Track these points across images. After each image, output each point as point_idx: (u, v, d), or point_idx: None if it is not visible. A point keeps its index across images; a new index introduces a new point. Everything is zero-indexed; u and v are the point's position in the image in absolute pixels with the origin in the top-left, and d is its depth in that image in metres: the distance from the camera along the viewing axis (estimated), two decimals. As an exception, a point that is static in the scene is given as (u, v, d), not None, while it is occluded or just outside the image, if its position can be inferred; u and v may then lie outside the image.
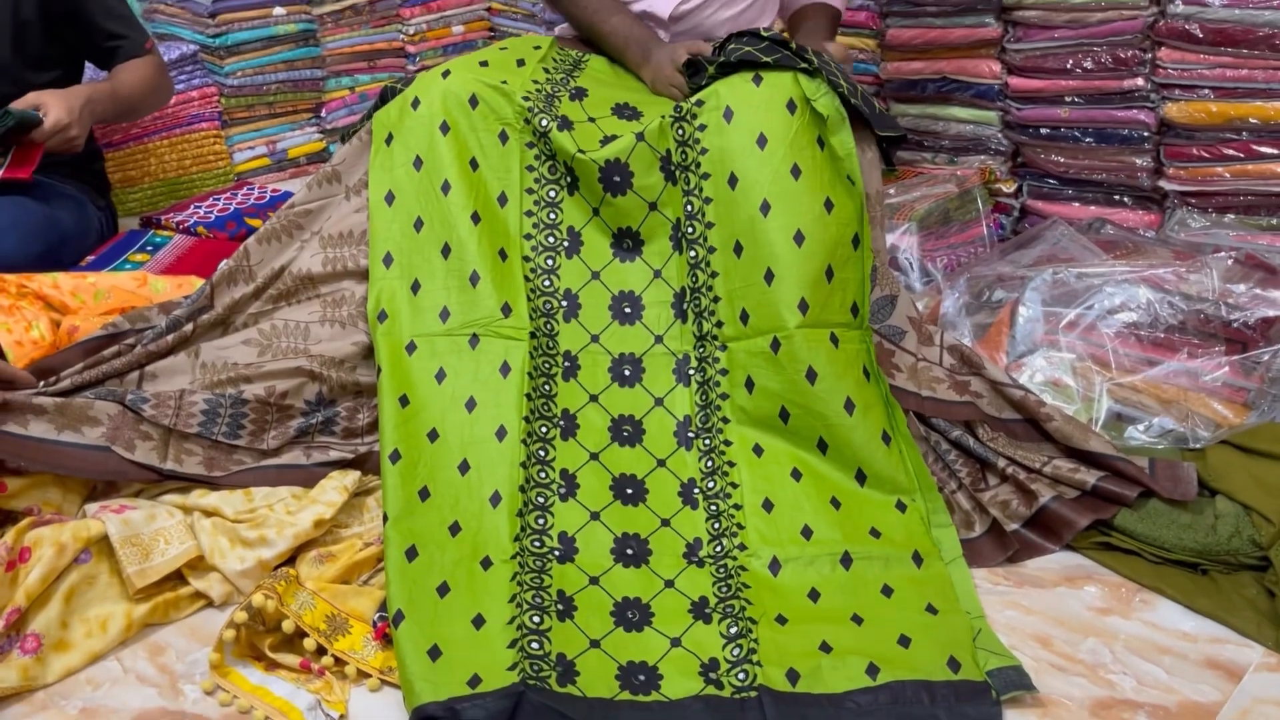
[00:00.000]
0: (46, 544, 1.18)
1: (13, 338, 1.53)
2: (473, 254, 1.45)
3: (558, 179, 1.52)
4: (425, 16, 3.01)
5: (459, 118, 1.50)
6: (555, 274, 1.49)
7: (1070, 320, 1.54)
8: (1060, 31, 1.97)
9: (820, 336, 1.37)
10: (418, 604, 1.18)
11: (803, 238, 1.39)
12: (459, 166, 1.49)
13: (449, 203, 1.47)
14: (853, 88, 1.46)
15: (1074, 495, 1.35)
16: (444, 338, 1.42)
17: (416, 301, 1.45)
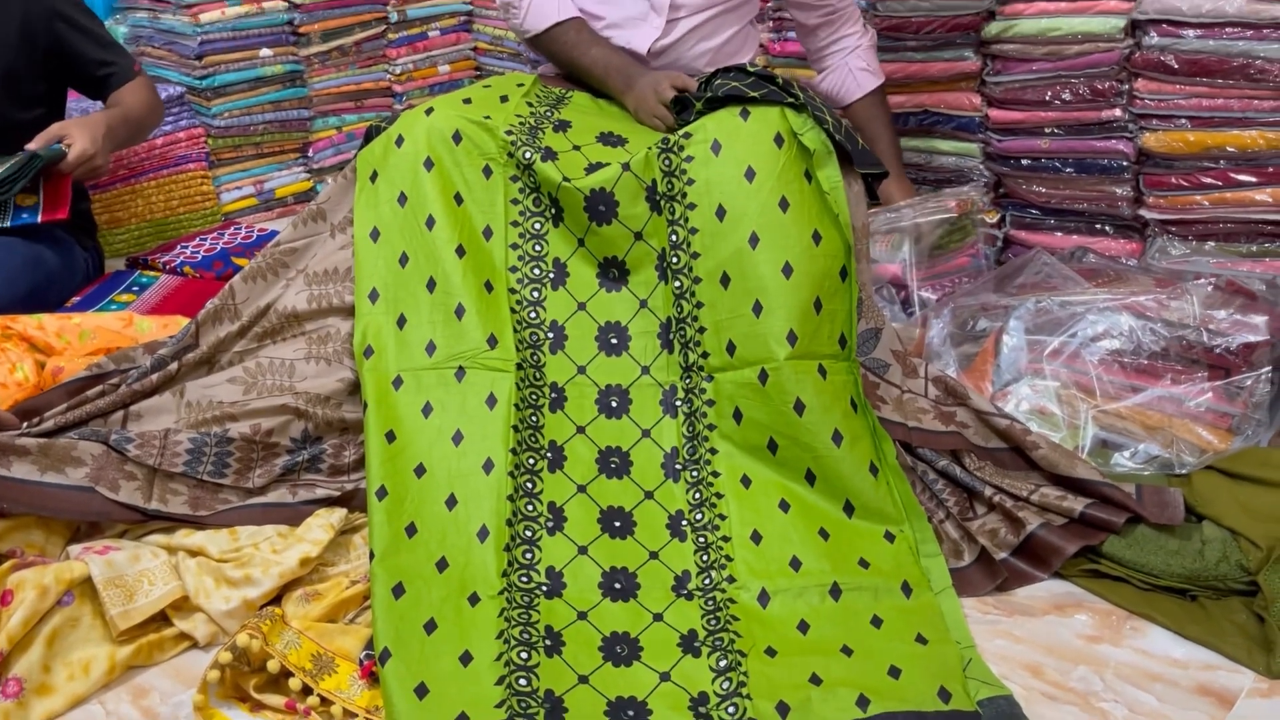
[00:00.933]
0: (29, 587, 1.17)
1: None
2: (458, 287, 1.45)
3: (542, 211, 1.52)
4: (412, 56, 3.04)
5: (443, 153, 1.51)
6: (541, 305, 1.49)
7: (1054, 348, 1.55)
8: (1038, 64, 2.00)
9: (808, 368, 1.37)
10: (405, 641, 1.17)
11: (791, 269, 1.39)
12: (443, 201, 1.49)
13: (433, 237, 1.48)
14: (837, 123, 1.48)
15: (1062, 522, 1.35)
16: (430, 371, 1.42)
17: (402, 336, 1.45)
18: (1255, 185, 1.85)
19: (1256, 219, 1.87)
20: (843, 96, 1.98)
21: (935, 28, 2.10)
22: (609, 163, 1.49)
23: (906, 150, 2.26)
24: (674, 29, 1.75)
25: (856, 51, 1.95)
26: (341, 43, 2.88)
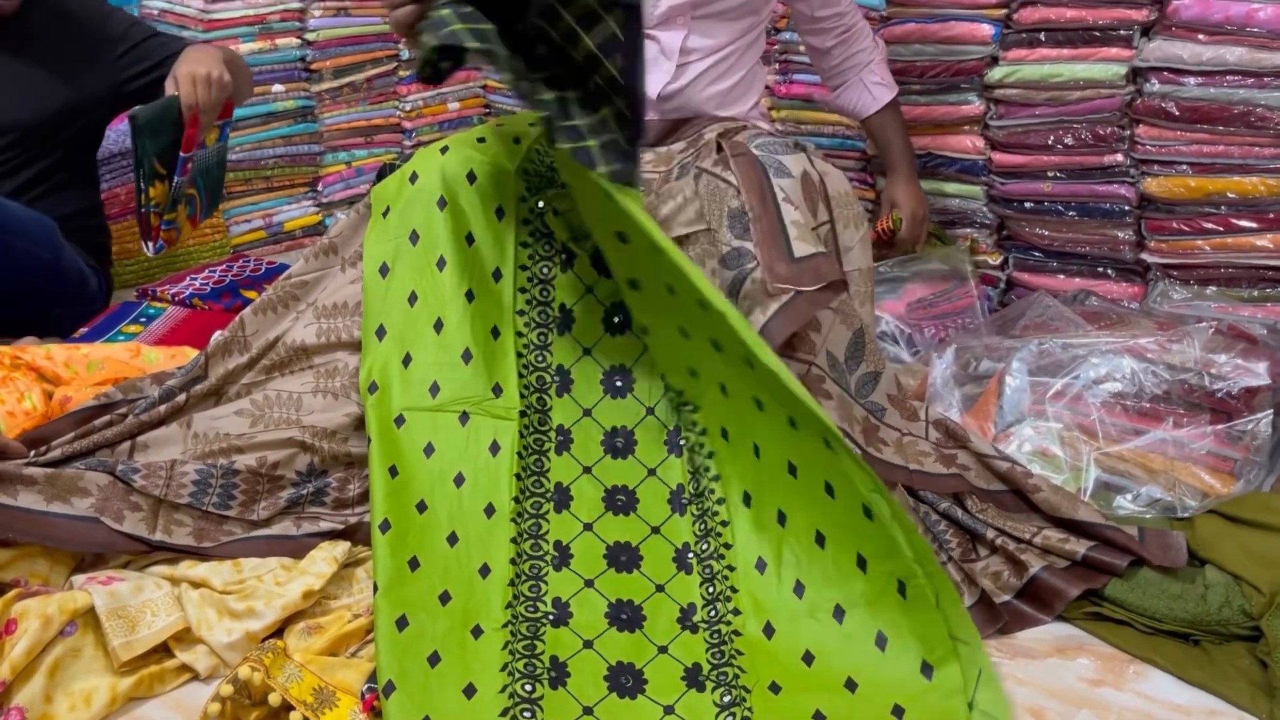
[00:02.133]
0: (32, 616, 1.17)
1: (5, 408, 1.54)
2: (465, 332, 1.46)
3: (551, 256, 1.54)
4: (422, 93, 3.07)
5: (457, 192, 1.52)
6: (548, 349, 1.51)
7: (1057, 390, 1.55)
8: (1041, 109, 2.03)
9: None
10: (408, 674, 1.17)
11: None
12: (455, 242, 1.50)
13: (443, 279, 1.49)
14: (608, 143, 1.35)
15: (1064, 565, 1.35)
16: (433, 413, 1.43)
17: (407, 375, 1.46)
18: (1256, 231, 1.87)
19: (1258, 264, 1.88)
20: (860, 111, 2.03)
21: (939, 72, 2.13)
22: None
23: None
24: (684, 73, 1.77)
25: (870, 66, 1.99)
26: (353, 79, 2.92)
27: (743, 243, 1.43)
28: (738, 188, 1.48)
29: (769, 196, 1.46)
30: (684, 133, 1.76)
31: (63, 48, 2.00)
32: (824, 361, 1.46)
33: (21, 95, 1.96)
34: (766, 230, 1.43)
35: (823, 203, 1.53)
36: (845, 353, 1.49)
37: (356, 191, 2.98)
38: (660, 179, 1.69)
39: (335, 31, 2.85)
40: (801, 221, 1.44)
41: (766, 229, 1.43)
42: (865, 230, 1.57)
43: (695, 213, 1.52)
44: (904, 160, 2.03)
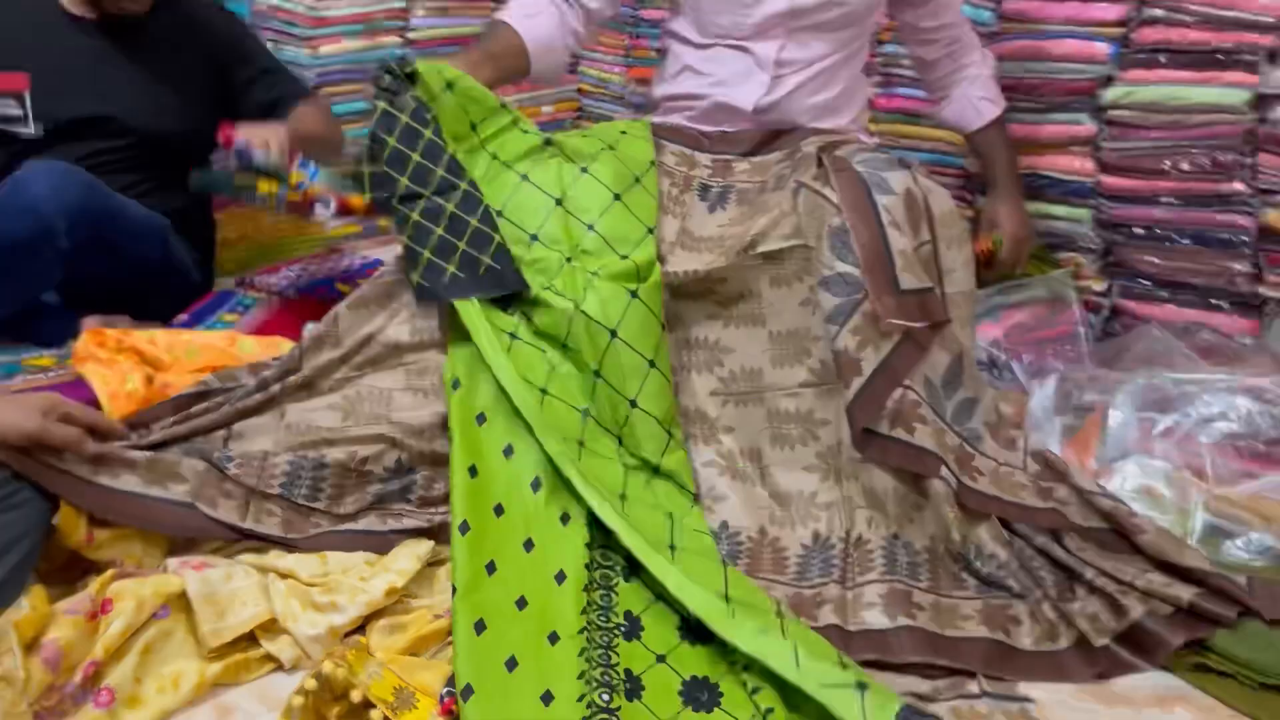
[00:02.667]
0: (128, 597, 1.19)
1: (109, 390, 1.58)
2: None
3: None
4: (517, 96, 3.09)
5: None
6: None
7: (1166, 428, 1.49)
8: (1157, 132, 1.95)
9: None
10: (486, 678, 1.16)
11: None
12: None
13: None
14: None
15: (1168, 612, 1.29)
16: (514, 415, 1.43)
17: (490, 374, 1.46)
18: (1384, 268, 1.77)
19: (1384, 303, 1.79)
20: (964, 125, 1.98)
21: (1049, 90, 2.07)
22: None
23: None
24: (780, 85, 1.74)
25: (978, 81, 1.93)
26: (451, 79, 2.94)
27: (848, 267, 1.40)
28: (838, 205, 1.45)
29: (872, 216, 1.43)
30: (782, 143, 1.73)
31: (186, 59, 2.04)
32: (920, 386, 1.42)
33: (144, 102, 2.00)
34: (874, 255, 1.39)
35: (925, 222, 1.49)
36: (943, 378, 1.45)
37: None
38: (756, 189, 1.66)
39: (437, 31, 2.88)
40: (908, 250, 1.41)
41: (874, 253, 1.39)
42: (968, 252, 1.53)
43: (792, 227, 1.50)
44: (1008, 178, 1.97)
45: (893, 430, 1.36)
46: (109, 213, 1.84)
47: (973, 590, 1.36)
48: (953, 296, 1.49)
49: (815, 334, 1.48)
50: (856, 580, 1.36)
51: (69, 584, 1.29)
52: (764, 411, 1.51)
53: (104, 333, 1.71)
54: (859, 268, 1.39)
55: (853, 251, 1.40)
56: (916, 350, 1.40)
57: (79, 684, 1.13)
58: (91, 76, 1.96)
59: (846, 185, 1.46)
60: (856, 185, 1.46)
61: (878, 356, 1.36)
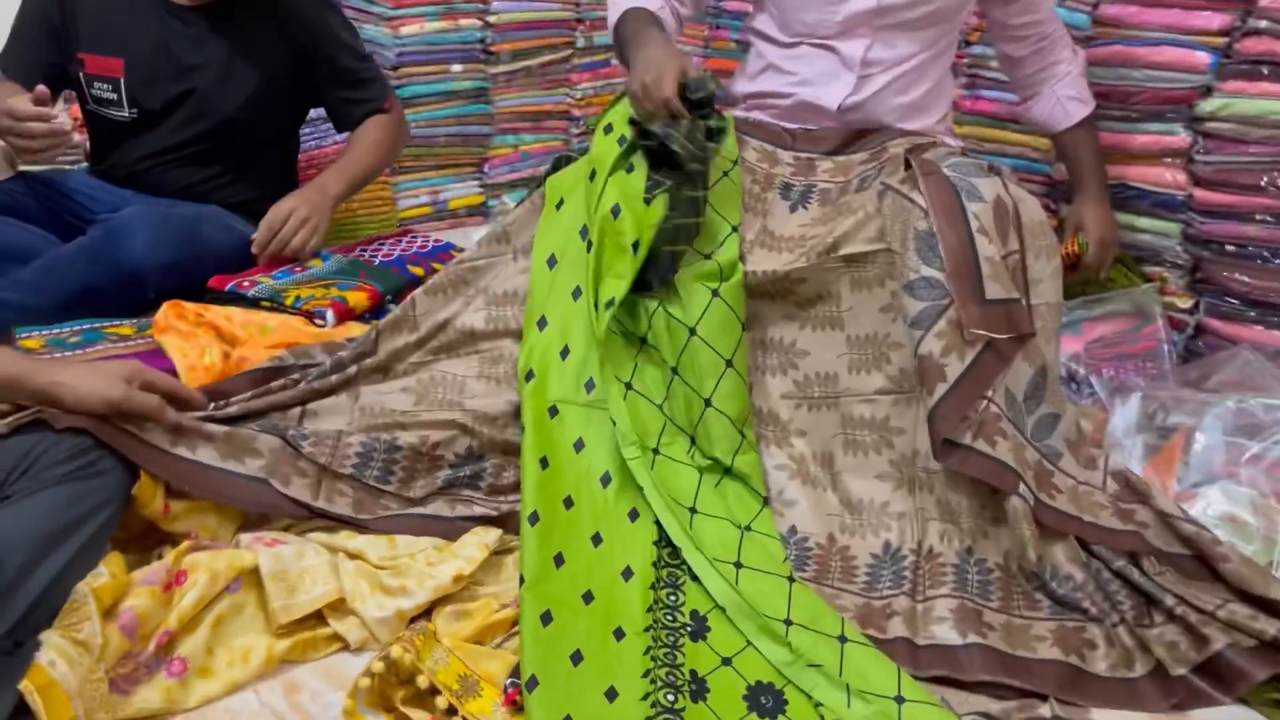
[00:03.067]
0: (202, 569, 1.21)
1: (187, 362, 1.60)
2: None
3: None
4: (593, 82, 3.08)
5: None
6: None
7: (1254, 453, 1.44)
8: (1255, 147, 1.88)
9: None
10: (551, 671, 1.16)
11: None
12: (623, 244, 1.48)
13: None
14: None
15: (1251, 644, 1.25)
16: (586, 409, 1.43)
17: (564, 367, 1.46)
18: None
19: None
20: (1051, 125, 1.92)
21: (1144, 99, 2.00)
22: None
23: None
24: (866, 85, 1.70)
25: (1066, 79, 1.88)
26: (528, 64, 2.94)
27: (933, 272, 1.37)
28: (925, 209, 1.41)
29: (960, 221, 1.40)
30: (866, 143, 1.69)
31: (269, 44, 2.04)
32: (1002, 399, 1.39)
33: (224, 84, 2.02)
34: (961, 261, 1.36)
35: (1014, 230, 1.45)
36: (1025, 391, 1.42)
37: (520, 175, 3.01)
38: (838, 189, 1.64)
39: (516, 15, 2.88)
40: (995, 258, 1.37)
41: (961, 260, 1.37)
42: (1057, 263, 1.49)
43: (877, 230, 1.47)
44: (1094, 181, 1.91)
45: (974, 442, 1.33)
46: (197, 259, 1.92)
47: (1047, 611, 1.33)
48: (1038, 308, 1.46)
49: (895, 340, 1.45)
50: (927, 594, 1.33)
51: (144, 553, 1.32)
52: (838, 417, 1.48)
53: (183, 305, 1.74)
54: (945, 273, 1.37)
55: (939, 256, 1.37)
56: (1000, 361, 1.37)
57: (152, 653, 1.15)
58: (179, 60, 1.99)
59: (935, 189, 1.43)
60: (946, 190, 1.42)
61: (962, 364, 1.34)
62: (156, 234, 1.86)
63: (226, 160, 2.09)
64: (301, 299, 1.85)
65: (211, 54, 2.01)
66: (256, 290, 1.88)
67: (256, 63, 2.03)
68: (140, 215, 1.89)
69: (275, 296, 1.86)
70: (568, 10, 2.98)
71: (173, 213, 1.97)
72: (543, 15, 2.93)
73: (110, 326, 1.77)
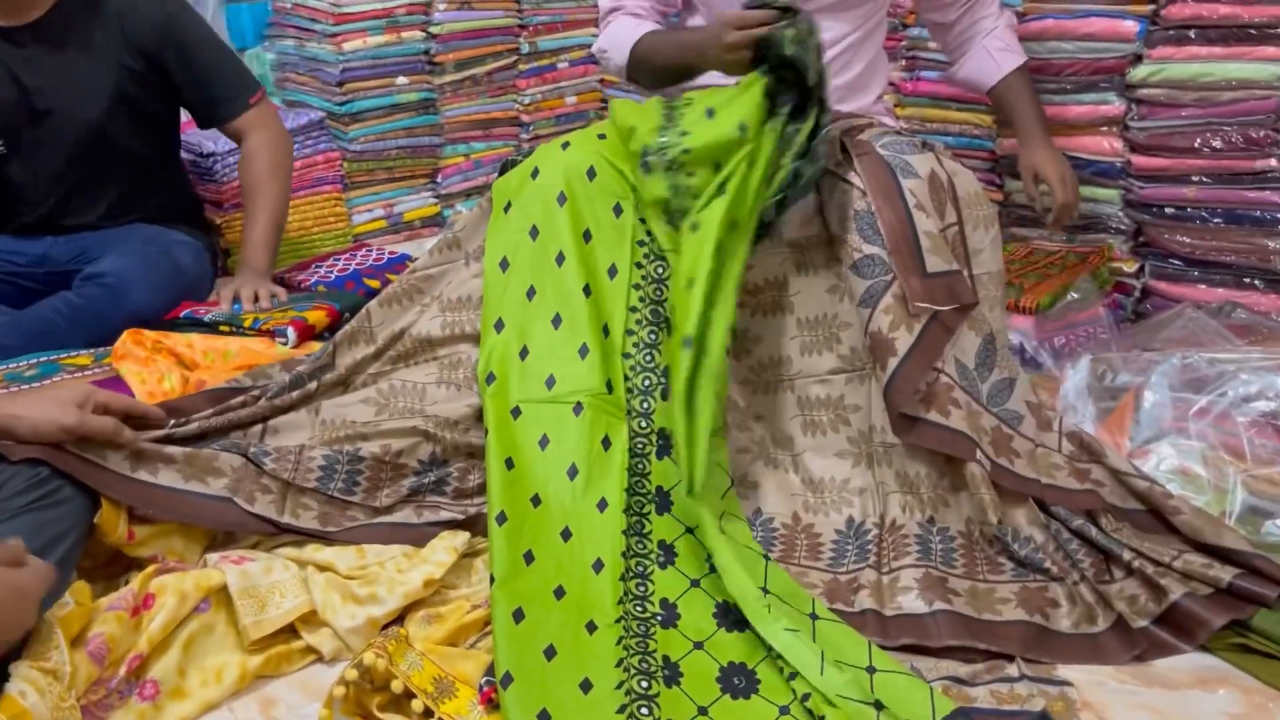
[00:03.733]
0: (170, 592, 1.21)
1: (146, 388, 1.60)
2: (583, 327, 1.47)
3: (665, 255, 1.52)
4: (540, 87, 3.10)
5: (577, 189, 1.52)
6: (657, 349, 1.50)
7: (1201, 407, 1.48)
8: (1187, 110, 1.93)
9: None
10: (526, 666, 1.17)
11: None
12: (574, 238, 1.51)
13: (563, 273, 1.50)
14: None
15: (1207, 592, 1.29)
16: (549, 405, 1.44)
17: (524, 367, 1.47)
18: None
19: None
20: (984, 79, 1.92)
21: (1077, 70, 2.05)
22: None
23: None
24: None
25: (994, 33, 1.89)
26: (474, 72, 2.95)
27: (875, 249, 1.40)
28: (863, 189, 1.44)
29: (897, 199, 1.42)
30: None
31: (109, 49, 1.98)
32: (953, 369, 1.41)
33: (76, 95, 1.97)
34: (900, 238, 1.39)
35: (951, 204, 1.48)
36: (975, 360, 1.44)
37: (474, 184, 3.02)
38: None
39: (459, 25, 2.89)
40: (934, 232, 1.40)
41: (900, 236, 1.39)
42: (995, 232, 1.52)
43: (816, 214, 1.49)
44: (1037, 125, 1.89)
45: (927, 414, 1.36)
46: (185, 290, 2.00)
47: (1010, 574, 1.35)
48: (980, 278, 1.48)
49: (843, 320, 1.47)
50: (892, 565, 1.36)
51: (110, 580, 1.31)
52: (794, 399, 1.50)
53: (142, 333, 1.73)
54: (886, 249, 1.39)
55: (880, 234, 1.40)
56: (946, 332, 1.39)
57: (124, 677, 1.15)
58: (23, 83, 1.94)
59: (871, 169, 1.45)
60: (881, 168, 1.45)
61: (911, 337, 1.36)
62: (153, 282, 1.91)
63: (119, 177, 2.06)
64: (260, 320, 1.85)
65: (55, 72, 1.95)
66: (214, 315, 1.88)
67: (105, 73, 1.98)
68: (128, 264, 1.91)
69: (233, 320, 1.86)
70: (510, 17, 2.99)
71: (148, 250, 1.98)
72: (485, 24, 2.95)
73: (67, 358, 1.76)
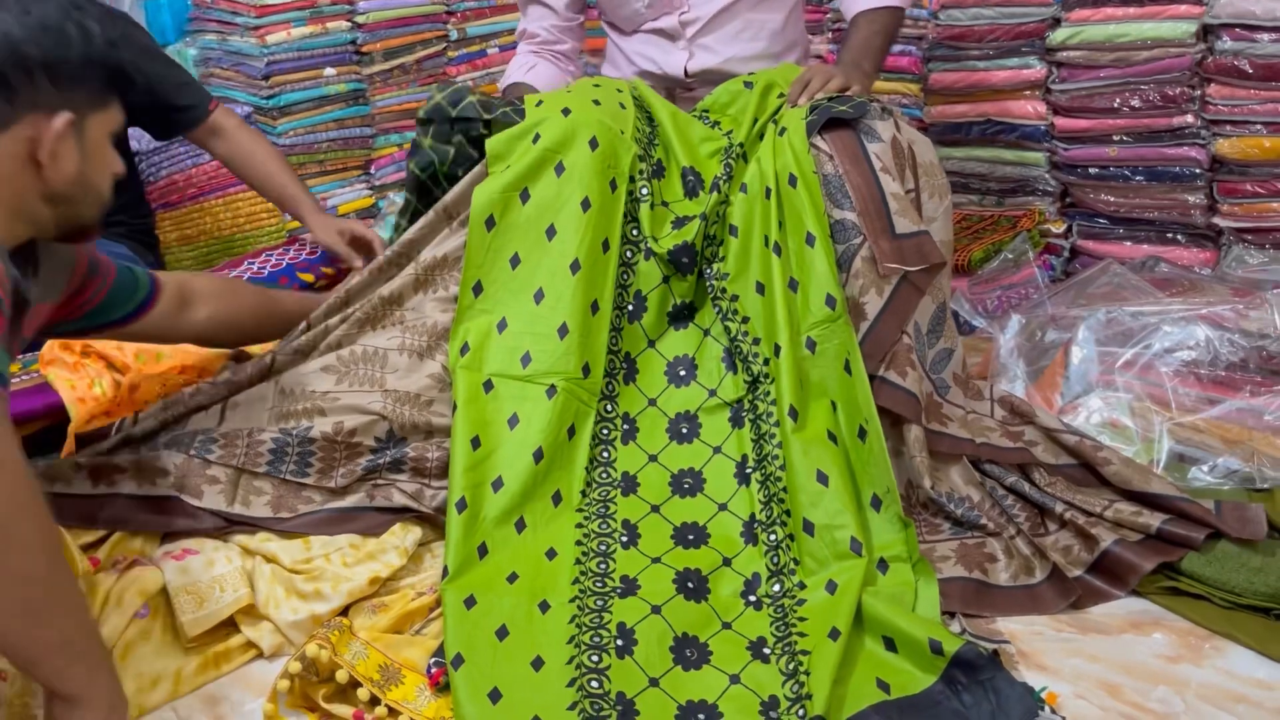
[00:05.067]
0: (111, 602, 1.19)
1: (75, 394, 1.56)
2: (565, 305, 1.43)
3: (638, 241, 1.52)
4: (471, 74, 3.07)
5: (576, 159, 1.48)
6: (620, 334, 1.50)
7: (1126, 360, 1.51)
8: (1106, 71, 1.97)
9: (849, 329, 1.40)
10: (476, 647, 1.17)
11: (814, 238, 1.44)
12: (569, 209, 1.47)
13: (551, 248, 1.46)
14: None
15: (1138, 539, 1.32)
16: (523, 383, 1.41)
17: (501, 340, 1.44)
18: (1335, 191, 1.80)
19: (1337, 226, 1.82)
20: (848, 9, 1.80)
21: (998, 35, 2.08)
22: (692, 216, 1.51)
23: (970, 159, 2.23)
24: (701, 48, 1.74)
25: None
26: (403, 61, 2.92)
27: (844, 214, 1.42)
28: (830, 153, 1.45)
29: (864, 162, 1.44)
30: None
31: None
32: (913, 331, 1.43)
33: None
34: (869, 199, 1.41)
35: (910, 170, 1.50)
36: (929, 325, 1.46)
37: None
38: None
39: (385, 14, 2.85)
40: (900, 194, 1.42)
41: (869, 198, 1.41)
42: (948, 203, 1.54)
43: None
44: (849, 53, 1.72)
45: (885, 373, 1.38)
46: None
47: (948, 533, 1.37)
48: (935, 245, 1.50)
49: None
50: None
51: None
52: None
53: (69, 341, 1.69)
54: (855, 211, 1.41)
55: (849, 197, 1.41)
56: (916, 293, 1.42)
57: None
58: None
59: (836, 133, 1.47)
60: (846, 133, 1.47)
61: (881, 299, 1.38)
62: None
63: None
64: None
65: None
66: None
67: None
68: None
69: None
70: (437, 4, 2.96)
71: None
72: (412, 11, 2.91)
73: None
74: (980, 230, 2.12)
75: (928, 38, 2.22)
